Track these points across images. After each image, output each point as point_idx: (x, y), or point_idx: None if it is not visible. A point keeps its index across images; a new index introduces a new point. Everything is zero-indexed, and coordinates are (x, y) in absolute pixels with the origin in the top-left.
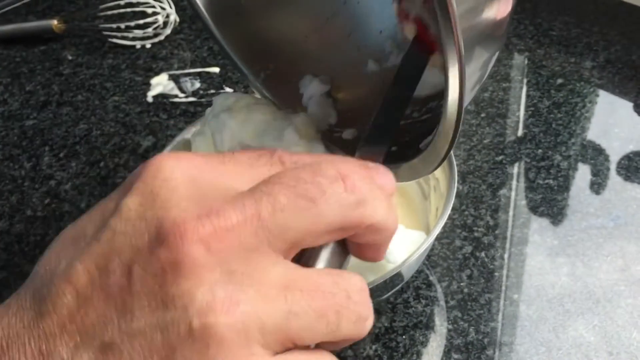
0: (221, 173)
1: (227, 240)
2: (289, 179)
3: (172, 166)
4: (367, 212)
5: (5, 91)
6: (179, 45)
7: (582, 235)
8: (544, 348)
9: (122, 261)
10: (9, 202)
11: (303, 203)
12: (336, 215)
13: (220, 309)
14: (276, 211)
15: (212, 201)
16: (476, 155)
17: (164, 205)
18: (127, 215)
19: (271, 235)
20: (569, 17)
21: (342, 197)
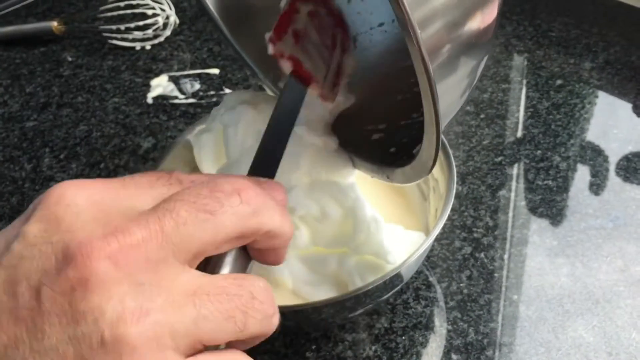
0: (123, 196)
1: (133, 255)
2: (188, 196)
3: (74, 193)
4: (263, 220)
5: (5, 93)
6: (178, 47)
7: (582, 236)
8: (544, 348)
9: (30, 284)
10: (9, 203)
11: (203, 216)
12: (234, 225)
13: (131, 319)
14: (179, 225)
15: (116, 221)
16: (475, 156)
17: (70, 229)
18: (32, 240)
19: (175, 247)
20: (568, 18)
21: (238, 208)
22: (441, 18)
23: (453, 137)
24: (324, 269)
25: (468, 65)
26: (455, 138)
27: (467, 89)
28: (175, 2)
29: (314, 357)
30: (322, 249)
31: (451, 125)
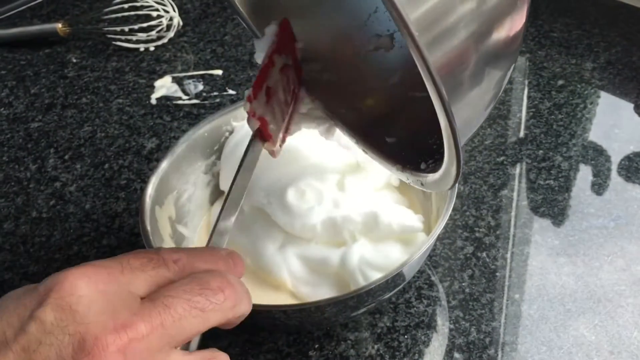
0: (122, 283)
1: (139, 348)
2: (183, 292)
3: (84, 284)
4: (239, 311)
5: (10, 94)
6: (182, 48)
7: (583, 235)
8: (545, 347)
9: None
10: (14, 203)
11: (195, 312)
12: (219, 318)
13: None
14: (175, 320)
15: (123, 313)
16: (477, 156)
17: (84, 321)
18: (49, 327)
19: (171, 338)
20: (570, 19)
21: (223, 305)
22: (456, 33)
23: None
24: (324, 269)
25: (493, 77)
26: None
27: (492, 101)
28: (178, 4)
29: (317, 355)
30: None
31: None
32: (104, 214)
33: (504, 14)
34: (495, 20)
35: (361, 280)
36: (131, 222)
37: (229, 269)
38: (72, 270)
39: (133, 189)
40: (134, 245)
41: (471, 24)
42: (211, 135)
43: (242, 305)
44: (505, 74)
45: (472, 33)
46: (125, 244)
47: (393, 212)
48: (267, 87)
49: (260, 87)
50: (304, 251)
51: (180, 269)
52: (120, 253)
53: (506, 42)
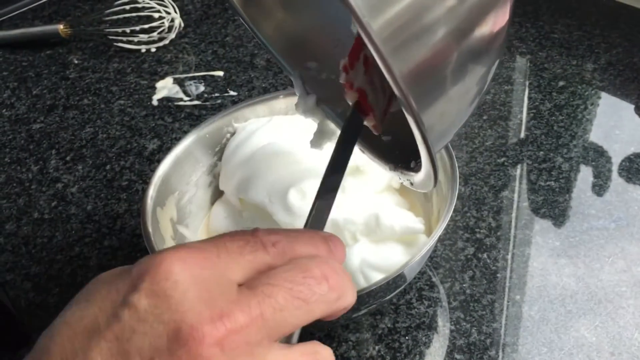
0: (219, 268)
1: (237, 341)
2: (284, 281)
3: (180, 268)
4: (343, 302)
5: (12, 95)
6: (183, 49)
7: (584, 236)
8: (546, 348)
9: (143, 355)
10: (16, 204)
11: (298, 303)
12: (323, 310)
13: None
14: (276, 311)
15: (220, 301)
16: (478, 157)
17: (179, 309)
18: (143, 315)
19: (271, 331)
20: (571, 20)
21: (327, 296)
22: (428, 36)
23: (456, 138)
24: None
25: (474, 75)
26: (458, 139)
27: (475, 98)
28: (179, 5)
29: None
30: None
31: None
32: (105, 215)
33: (483, 12)
34: (474, 19)
35: (362, 281)
36: (133, 223)
37: (330, 254)
38: (168, 253)
39: (134, 190)
40: (135, 247)
41: (446, 25)
42: (212, 137)
43: (348, 297)
44: (489, 71)
45: (448, 34)
46: (127, 245)
47: (394, 214)
48: (365, 56)
49: (357, 56)
50: None
51: (280, 253)
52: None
53: (487, 40)
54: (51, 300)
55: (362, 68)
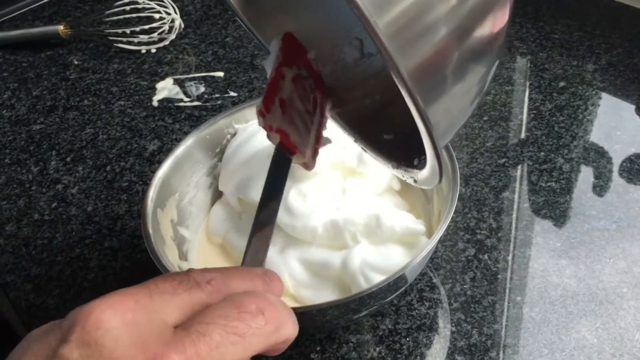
0: (152, 310)
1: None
2: (218, 318)
3: (111, 315)
4: (282, 334)
5: (12, 96)
6: (183, 50)
7: (585, 237)
8: (547, 350)
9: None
10: (16, 205)
11: (234, 339)
12: (260, 344)
13: None
14: (212, 349)
15: (154, 345)
16: (479, 158)
17: (112, 356)
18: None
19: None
20: (571, 20)
21: (264, 329)
22: (432, 34)
23: (456, 139)
24: (326, 272)
25: (475, 75)
26: (459, 140)
27: (476, 96)
28: (180, 6)
29: (319, 358)
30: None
31: None
32: (105, 216)
33: (484, 12)
34: (475, 19)
35: (363, 283)
36: (133, 225)
37: (267, 287)
38: (97, 302)
39: (135, 191)
40: (135, 248)
41: (449, 24)
42: (213, 138)
43: (286, 328)
44: (490, 70)
45: (451, 32)
46: (127, 246)
47: (395, 215)
48: (281, 100)
49: (272, 100)
50: (304, 254)
51: (215, 290)
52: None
53: (488, 40)
54: (51, 301)
55: (279, 111)
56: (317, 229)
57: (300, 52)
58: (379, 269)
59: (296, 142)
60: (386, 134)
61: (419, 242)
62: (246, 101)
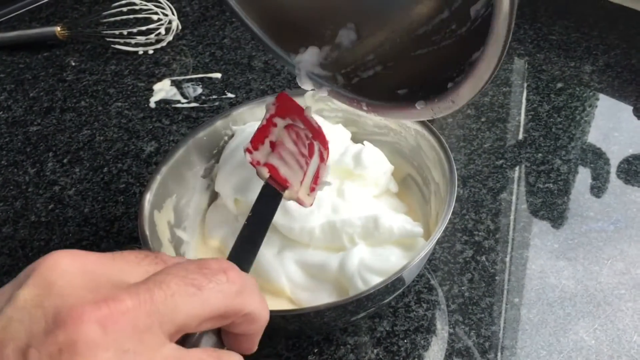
0: (112, 268)
1: (122, 322)
2: (177, 270)
3: (68, 261)
4: (245, 301)
5: (9, 97)
6: (181, 52)
7: (583, 238)
8: (545, 351)
9: (17, 345)
10: (13, 207)
11: (191, 290)
12: (219, 302)
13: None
14: (167, 296)
15: (107, 290)
16: (476, 159)
17: (61, 293)
18: (22, 304)
19: (162, 317)
20: (569, 22)
21: (224, 286)
22: None
23: (454, 140)
24: (323, 274)
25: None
26: (457, 141)
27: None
28: (177, 7)
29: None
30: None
31: (452, 128)
32: (102, 218)
33: None
34: None
35: (360, 284)
36: (130, 226)
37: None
38: (58, 251)
39: (132, 192)
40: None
41: None
42: (210, 139)
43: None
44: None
45: None
46: (124, 248)
47: (393, 217)
48: (270, 142)
49: (261, 141)
50: (302, 257)
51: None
52: None
53: None
54: None
55: (268, 149)
56: (314, 231)
57: (295, 109)
58: (376, 270)
59: (287, 175)
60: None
61: (417, 243)
62: (243, 103)
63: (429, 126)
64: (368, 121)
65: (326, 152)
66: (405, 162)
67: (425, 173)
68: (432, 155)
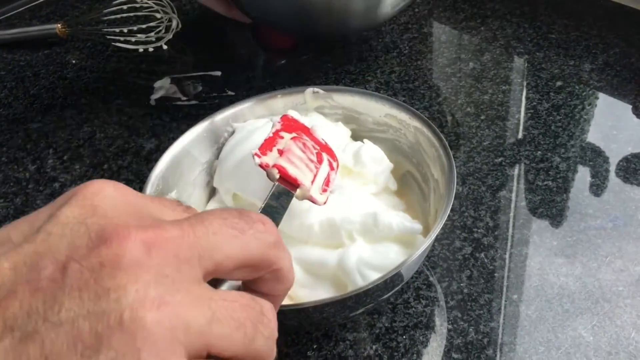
0: (152, 206)
1: (166, 248)
2: (219, 212)
3: (112, 189)
4: (278, 255)
5: (9, 95)
6: (181, 49)
7: (581, 236)
8: (543, 348)
9: (57, 258)
10: (13, 204)
11: (233, 232)
12: (257, 248)
13: (151, 306)
14: (209, 233)
15: (150, 220)
16: (476, 157)
17: (106, 215)
18: (64, 220)
19: (203, 251)
20: (568, 20)
21: (263, 235)
22: None
23: (454, 137)
24: (322, 271)
25: None
26: (456, 139)
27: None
28: (177, 5)
29: (315, 356)
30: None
31: (452, 126)
32: None
33: None
34: None
35: (359, 280)
36: None
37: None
38: (101, 179)
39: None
40: None
41: None
42: (210, 136)
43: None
44: None
45: None
46: None
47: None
48: (278, 149)
49: (269, 148)
50: (300, 253)
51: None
52: None
53: None
54: None
55: (277, 154)
56: (313, 227)
57: (301, 127)
58: (375, 266)
59: (297, 175)
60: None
61: (416, 240)
62: (244, 100)
63: (428, 123)
64: (368, 119)
65: (335, 162)
66: (405, 159)
67: (425, 170)
68: (431, 152)
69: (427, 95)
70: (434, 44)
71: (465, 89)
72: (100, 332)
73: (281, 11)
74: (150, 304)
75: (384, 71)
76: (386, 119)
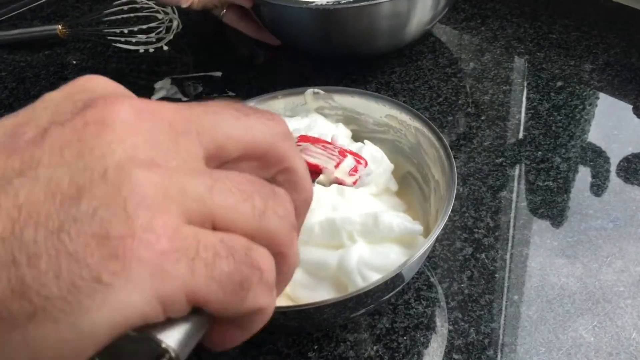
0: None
1: (158, 115)
2: (219, 102)
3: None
4: (290, 150)
5: (10, 95)
6: (181, 50)
7: (582, 236)
8: (544, 348)
9: (38, 123)
10: None
11: (236, 114)
12: (263, 134)
13: (140, 164)
14: (209, 112)
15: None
16: (476, 157)
17: (94, 89)
18: (50, 97)
19: (201, 127)
20: (569, 20)
21: (272, 124)
22: None
23: (454, 138)
24: (322, 271)
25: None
26: (457, 139)
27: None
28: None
29: (316, 357)
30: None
31: (452, 126)
32: None
33: None
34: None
35: (360, 281)
36: None
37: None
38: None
39: None
40: None
41: None
42: None
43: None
44: None
45: None
46: None
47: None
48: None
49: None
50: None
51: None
52: None
53: None
54: None
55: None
56: (313, 228)
57: (320, 140)
58: (376, 267)
59: (317, 162)
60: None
61: (416, 241)
62: (245, 101)
63: (429, 124)
64: (368, 119)
65: (363, 160)
66: (405, 159)
67: (425, 171)
68: (432, 153)
69: (427, 95)
70: (435, 44)
71: (465, 90)
72: (81, 184)
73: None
74: (139, 163)
75: (384, 72)
76: (387, 119)
